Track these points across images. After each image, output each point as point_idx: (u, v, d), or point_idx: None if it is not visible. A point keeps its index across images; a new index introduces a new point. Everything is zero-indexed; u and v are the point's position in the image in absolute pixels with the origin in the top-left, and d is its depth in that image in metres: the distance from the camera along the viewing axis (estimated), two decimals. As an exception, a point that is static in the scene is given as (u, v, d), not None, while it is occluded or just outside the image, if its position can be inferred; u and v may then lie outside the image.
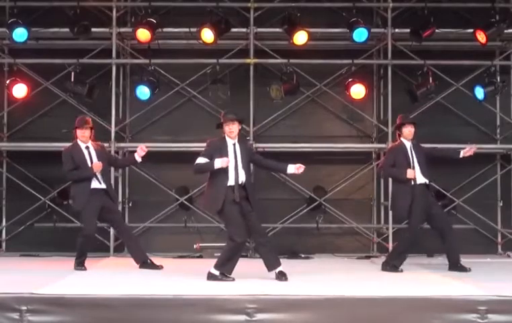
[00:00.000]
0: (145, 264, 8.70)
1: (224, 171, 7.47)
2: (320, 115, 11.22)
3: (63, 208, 10.64)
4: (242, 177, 7.50)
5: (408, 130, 8.48)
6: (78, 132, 8.64)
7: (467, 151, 8.56)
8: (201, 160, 7.63)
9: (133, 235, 9.12)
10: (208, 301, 6.34)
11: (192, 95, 11.02)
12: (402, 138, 8.52)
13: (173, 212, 10.95)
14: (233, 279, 7.34)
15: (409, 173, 8.28)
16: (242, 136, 7.86)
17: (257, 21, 10.68)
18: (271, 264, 7.55)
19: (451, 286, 7.27)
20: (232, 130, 7.57)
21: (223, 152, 7.51)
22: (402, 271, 8.34)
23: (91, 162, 8.53)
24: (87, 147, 8.61)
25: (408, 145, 8.46)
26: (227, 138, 7.62)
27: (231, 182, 7.47)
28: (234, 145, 7.59)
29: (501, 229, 10.96)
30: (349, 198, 11.05)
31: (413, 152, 8.42)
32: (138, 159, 8.66)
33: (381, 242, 10.79)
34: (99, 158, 8.56)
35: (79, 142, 8.64)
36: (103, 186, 8.55)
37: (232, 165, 7.49)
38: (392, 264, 8.42)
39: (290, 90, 10.52)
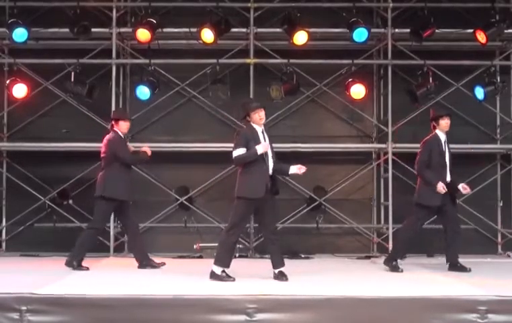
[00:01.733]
0: (144, 266, 8.73)
1: (262, 157, 7.46)
2: (320, 115, 11.22)
3: (63, 208, 10.66)
4: (271, 167, 7.53)
5: (445, 122, 8.45)
6: (123, 123, 8.79)
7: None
8: (240, 151, 7.58)
9: (138, 233, 9.11)
10: (208, 301, 6.35)
11: (192, 95, 11.02)
12: (437, 131, 8.48)
13: (173, 212, 10.95)
14: (233, 279, 7.35)
15: (439, 188, 8.19)
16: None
17: (256, 21, 10.68)
18: (275, 263, 7.57)
19: (451, 286, 7.27)
20: (262, 117, 7.60)
21: (256, 139, 7.51)
22: (402, 271, 8.33)
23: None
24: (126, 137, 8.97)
25: (443, 138, 8.43)
26: (255, 126, 7.61)
27: (268, 169, 7.49)
28: (263, 132, 7.61)
29: (501, 229, 10.96)
30: (349, 198, 11.05)
31: (446, 146, 8.40)
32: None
33: (381, 242, 10.78)
34: None
35: (120, 133, 8.75)
36: None
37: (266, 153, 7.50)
38: (393, 262, 8.46)
39: (290, 90, 10.52)
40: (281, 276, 7.45)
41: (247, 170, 7.55)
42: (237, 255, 10.17)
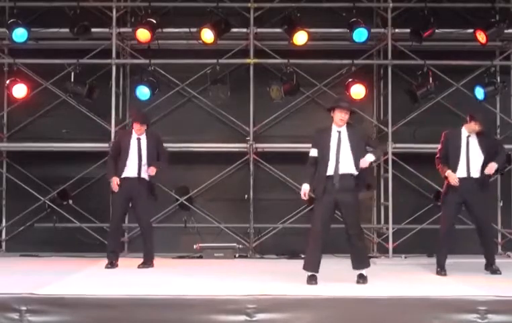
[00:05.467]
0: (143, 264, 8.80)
1: (325, 159, 7.40)
2: (320, 115, 11.16)
3: (63, 209, 10.65)
4: (344, 167, 7.40)
5: (474, 125, 8.32)
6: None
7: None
8: (312, 153, 7.58)
9: (147, 230, 9.15)
10: (208, 301, 6.35)
11: (192, 95, 11.02)
12: (463, 127, 8.42)
13: (173, 212, 10.95)
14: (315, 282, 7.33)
15: (450, 178, 8.18)
16: (352, 125, 7.76)
17: (257, 21, 10.67)
18: (355, 264, 7.59)
19: (451, 286, 7.28)
20: (342, 119, 7.53)
21: (326, 139, 7.46)
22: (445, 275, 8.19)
23: None
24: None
25: (465, 134, 8.36)
26: (333, 126, 7.55)
27: (330, 171, 7.40)
28: (340, 132, 7.51)
29: (501, 229, 10.96)
30: (349, 198, 11.03)
31: (469, 142, 8.31)
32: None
33: (381, 242, 10.78)
34: None
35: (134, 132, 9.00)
36: None
37: (334, 153, 7.40)
38: (437, 266, 8.35)
39: (290, 90, 10.51)
40: (359, 279, 7.47)
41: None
42: (237, 255, 10.21)
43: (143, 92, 10.53)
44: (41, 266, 9.02)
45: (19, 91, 10.60)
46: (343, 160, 7.40)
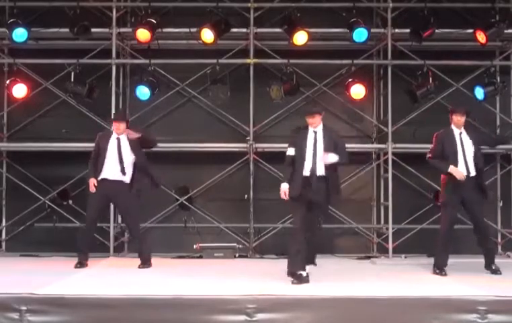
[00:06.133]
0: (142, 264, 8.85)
1: (302, 159, 7.49)
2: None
3: (63, 209, 10.65)
4: (319, 168, 7.46)
5: (457, 119, 8.41)
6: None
7: None
8: (289, 152, 7.70)
9: (134, 230, 9.16)
10: (208, 301, 6.36)
11: (192, 95, 11.02)
12: (452, 125, 8.46)
13: (173, 212, 10.95)
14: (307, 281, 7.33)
15: (454, 171, 8.17)
16: (327, 126, 7.81)
17: (257, 21, 10.67)
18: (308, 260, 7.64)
19: (451, 286, 7.28)
20: (311, 122, 7.64)
21: (303, 140, 7.54)
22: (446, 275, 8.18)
23: None
24: None
25: (457, 132, 8.40)
26: (310, 127, 7.66)
27: (306, 171, 7.47)
28: (316, 132, 7.56)
29: (501, 229, 10.96)
30: (349, 198, 11.03)
31: (463, 140, 8.35)
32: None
33: (381, 242, 10.78)
34: None
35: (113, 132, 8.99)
36: None
37: (310, 154, 7.48)
38: (436, 266, 8.35)
39: (290, 90, 10.51)
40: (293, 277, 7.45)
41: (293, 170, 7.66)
42: (237, 255, 10.21)
43: (143, 92, 10.53)
44: (42, 266, 9.02)
45: (19, 91, 10.61)
46: (319, 161, 7.48)
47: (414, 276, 8.17)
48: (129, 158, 8.85)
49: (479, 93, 10.54)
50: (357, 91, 10.59)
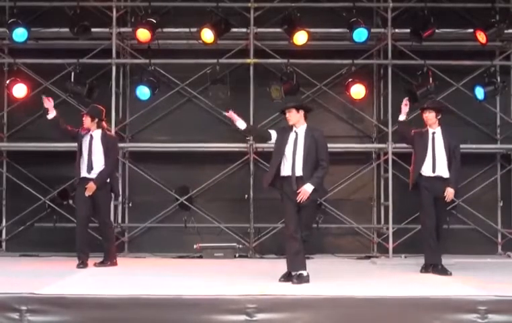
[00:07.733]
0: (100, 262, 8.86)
1: (279, 156, 7.39)
2: (320, 115, 11.20)
3: (63, 208, 10.65)
4: (299, 169, 7.30)
5: (425, 116, 8.42)
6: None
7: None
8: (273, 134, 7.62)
9: (102, 228, 9.06)
10: (208, 301, 6.35)
11: (192, 95, 11.02)
12: (427, 126, 8.44)
13: (173, 212, 10.95)
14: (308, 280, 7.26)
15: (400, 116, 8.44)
16: (311, 126, 7.57)
17: (257, 21, 10.68)
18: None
19: (451, 286, 7.28)
20: (287, 117, 7.49)
21: (284, 139, 7.41)
22: (451, 274, 8.11)
23: None
24: None
25: (430, 131, 8.38)
26: (293, 126, 7.48)
27: (287, 172, 7.36)
28: (297, 133, 7.42)
29: (501, 229, 10.96)
30: (349, 198, 11.05)
31: (435, 140, 8.31)
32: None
33: (381, 242, 10.79)
34: None
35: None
36: None
37: (290, 154, 7.34)
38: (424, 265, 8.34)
39: (290, 90, 10.51)
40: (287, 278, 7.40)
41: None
42: (237, 255, 10.21)
43: (143, 92, 10.53)
44: (41, 266, 9.01)
45: (19, 91, 10.61)
46: (298, 162, 7.34)
47: (415, 276, 8.17)
48: (99, 156, 8.80)
49: (479, 93, 10.54)
50: (357, 91, 10.59)
